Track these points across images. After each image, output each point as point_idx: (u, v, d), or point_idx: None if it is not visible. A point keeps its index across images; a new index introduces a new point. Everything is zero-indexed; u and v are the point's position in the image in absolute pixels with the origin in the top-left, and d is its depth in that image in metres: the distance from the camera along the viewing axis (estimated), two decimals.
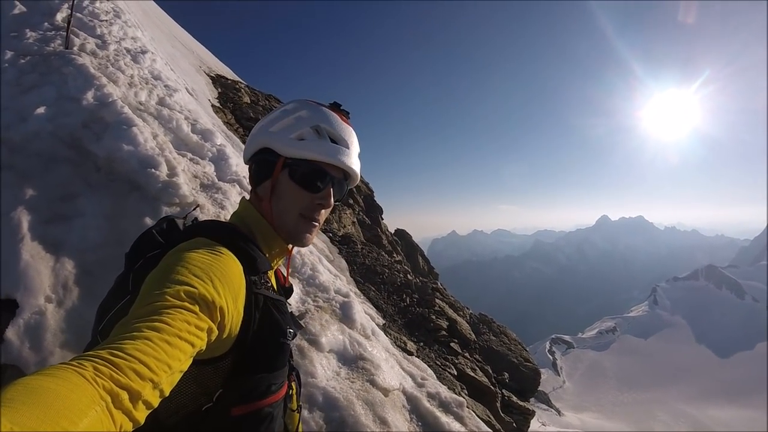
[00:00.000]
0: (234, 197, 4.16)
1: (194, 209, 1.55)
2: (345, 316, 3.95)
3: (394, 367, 3.94)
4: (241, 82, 15.06)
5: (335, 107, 1.15)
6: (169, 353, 0.63)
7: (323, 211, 1.11)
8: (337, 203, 1.15)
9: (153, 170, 3.63)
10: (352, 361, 3.53)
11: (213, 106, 9.57)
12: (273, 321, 0.98)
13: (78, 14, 5.76)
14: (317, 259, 4.93)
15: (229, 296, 0.82)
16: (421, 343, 6.00)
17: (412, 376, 4.10)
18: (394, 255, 11.28)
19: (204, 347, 0.75)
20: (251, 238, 1.05)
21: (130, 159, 3.67)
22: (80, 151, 3.68)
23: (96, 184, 3.48)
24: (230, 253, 0.92)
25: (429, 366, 4.99)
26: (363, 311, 4.33)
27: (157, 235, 1.06)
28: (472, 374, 6.02)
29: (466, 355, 6.74)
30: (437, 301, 7.48)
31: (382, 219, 15.35)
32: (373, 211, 14.88)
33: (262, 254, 1.03)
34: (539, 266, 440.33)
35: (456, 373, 5.74)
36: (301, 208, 1.08)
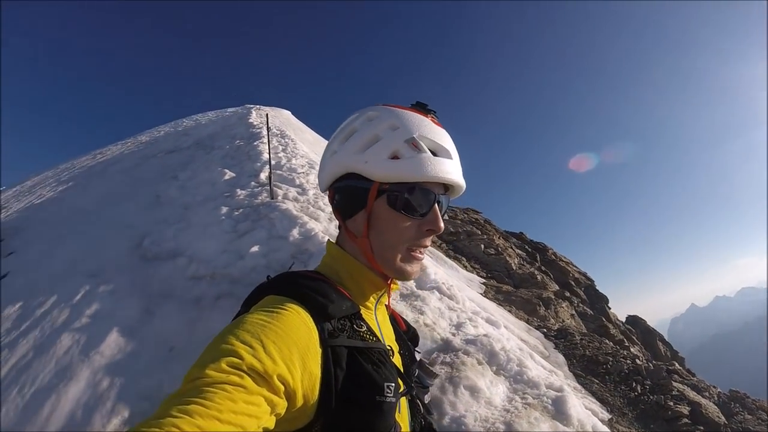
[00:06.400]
0: (434, 302, 4.51)
1: (291, 266, 1.26)
2: (558, 412, 3.45)
3: None
4: None
5: (421, 108, 0.95)
6: None
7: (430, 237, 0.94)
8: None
9: None
10: None
11: None
12: (363, 375, 0.78)
13: (278, 171, 7.44)
14: (527, 355, 4.65)
15: (292, 358, 0.68)
16: None
17: None
18: (625, 342, 9.98)
19: (270, 425, 0.63)
20: (334, 281, 0.91)
21: None
22: None
23: None
24: (296, 306, 0.77)
25: None
26: (581, 406, 3.77)
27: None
28: None
29: None
30: (674, 384, 6.14)
31: (609, 308, 13.96)
32: (597, 302, 13.78)
33: (345, 296, 0.87)
34: None
35: None
36: (408, 240, 0.90)
